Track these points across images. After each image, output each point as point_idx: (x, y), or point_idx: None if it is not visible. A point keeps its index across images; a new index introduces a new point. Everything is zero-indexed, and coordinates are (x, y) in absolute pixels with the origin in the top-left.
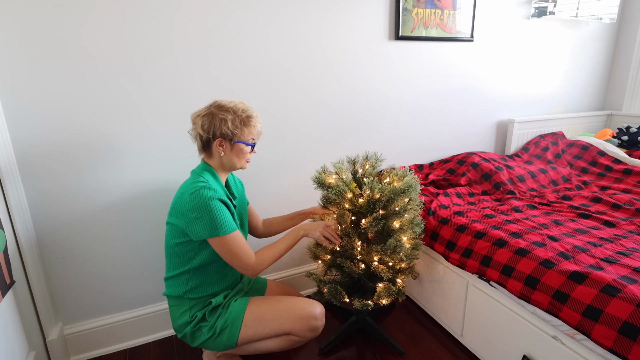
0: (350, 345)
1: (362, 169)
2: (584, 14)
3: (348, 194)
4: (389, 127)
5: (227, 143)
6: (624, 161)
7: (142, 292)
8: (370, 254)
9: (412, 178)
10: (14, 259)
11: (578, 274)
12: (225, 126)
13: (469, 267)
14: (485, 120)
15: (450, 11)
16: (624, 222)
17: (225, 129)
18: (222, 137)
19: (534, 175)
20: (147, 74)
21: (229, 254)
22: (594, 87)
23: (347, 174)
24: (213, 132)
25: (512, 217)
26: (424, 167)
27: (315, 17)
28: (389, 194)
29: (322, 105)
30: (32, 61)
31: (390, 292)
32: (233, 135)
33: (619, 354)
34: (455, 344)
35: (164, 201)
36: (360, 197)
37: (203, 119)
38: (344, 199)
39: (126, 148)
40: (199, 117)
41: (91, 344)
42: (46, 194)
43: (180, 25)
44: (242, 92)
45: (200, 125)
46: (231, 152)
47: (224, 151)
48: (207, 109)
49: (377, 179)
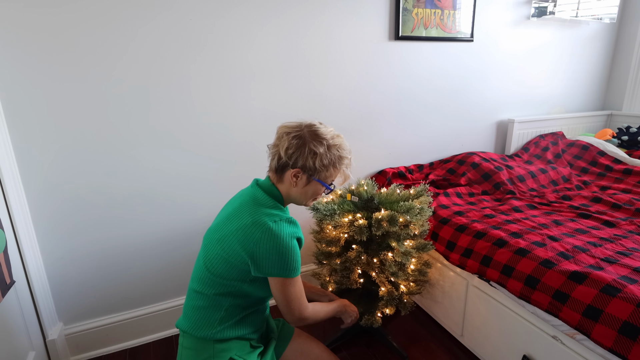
0: (352, 346)
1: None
2: (584, 14)
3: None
4: (389, 127)
5: (304, 176)
6: (624, 161)
7: (142, 292)
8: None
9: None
10: (14, 259)
11: (578, 274)
12: (312, 160)
13: (469, 267)
14: (485, 120)
15: (450, 11)
16: (624, 222)
17: (309, 163)
18: (301, 168)
19: (534, 175)
20: None
21: (287, 297)
22: (594, 87)
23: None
24: (295, 160)
25: (512, 217)
26: (424, 167)
27: (315, 17)
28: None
29: (322, 106)
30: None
31: (392, 297)
32: (315, 172)
33: (619, 354)
34: (455, 344)
35: (165, 201)
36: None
37: (291, 140)
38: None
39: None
40: (287, 136)
41: (91, 344)
42: (46, 194)
43: (179, 27)
44: (240, 92)
45: (285, 147)
46: (304, 187)
47: (297, 184)
48: (299, 128)
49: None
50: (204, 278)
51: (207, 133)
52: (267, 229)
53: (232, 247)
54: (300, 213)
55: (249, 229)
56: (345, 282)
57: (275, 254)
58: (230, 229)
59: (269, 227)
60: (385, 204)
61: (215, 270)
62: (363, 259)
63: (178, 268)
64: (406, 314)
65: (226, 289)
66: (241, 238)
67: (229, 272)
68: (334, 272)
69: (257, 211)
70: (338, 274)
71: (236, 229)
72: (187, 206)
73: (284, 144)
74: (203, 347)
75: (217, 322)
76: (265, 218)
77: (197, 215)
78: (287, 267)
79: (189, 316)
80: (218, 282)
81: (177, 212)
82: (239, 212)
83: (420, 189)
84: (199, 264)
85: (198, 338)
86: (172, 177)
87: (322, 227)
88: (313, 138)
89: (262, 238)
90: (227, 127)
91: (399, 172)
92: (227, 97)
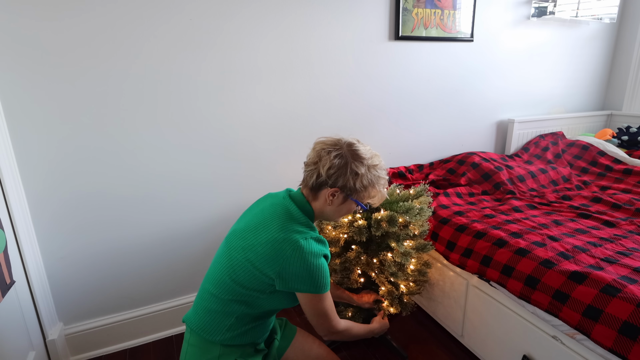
0: (352, 346)
1: None
2: (584, 14)
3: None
4: (389, 127)
5: (341, 195)
6: (624, 161)
7: (142, 292)
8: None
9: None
10: (14, 259)
11: (578, 274)
12: (353, 181)
13: (469, 267)
14: (485, 120)
15: (450, 11)
16: (624, 222)
17: (350, 183)
18: (340, 188)
19: (534, 175)
20: None
21: (317, 312)
22: (594, 87)
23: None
24: (335, 179)
25: (512, 217)
26: (424, 167)
27: (315, 17)
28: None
29: (322, 106)
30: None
31: (392, 297)
32: (354, 192)
33: (619, 354)
34: (455, 344)
35: (165, 200)
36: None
37: (333, 160)
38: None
39: (129, 158)
40: (327, 155)
41: (91, 344)
42: (47, 194)
43: (176, 27)
44: (241, 92)
45: (327, 167)
46: (340, 205)
47: (332, 202)
48: (339, 147)
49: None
50: (223, 282)
51: (211, 132)
52: (298, 246)
53: (258, 258)
54: None
55: (280, 245)
56: (345, 282)
57: (304, 271)
58: (258, 240)
59: (299, 245)
60: (385, 204)
61: (236, 277)
62: (362, 260)
63: (179, 268)
64: (407, 314)
65: (243, 297)
66: (270, 252)
67: (250, 282)
68: (333, 273)
69: (289, 227)
70: (338, 274)
71: (265, 242)
72: (189, 206)
73: (325, 163)
74: (208, 348)
75: (225, 329)
76: (296, 235)
77: (198, 215)
78: (316, 284)
79: (200, 316)
80: (236, 290)
81: (178, 212)
82: (270, 224)
83: (420, 189)
84: (219, 267)
85: (205, 340)
86: (173, 176)
87: (321, 228)
88: (355, 158)
89: (292, 255)
90: (229, 126)
91: (399, 172)
92: (230, 96)
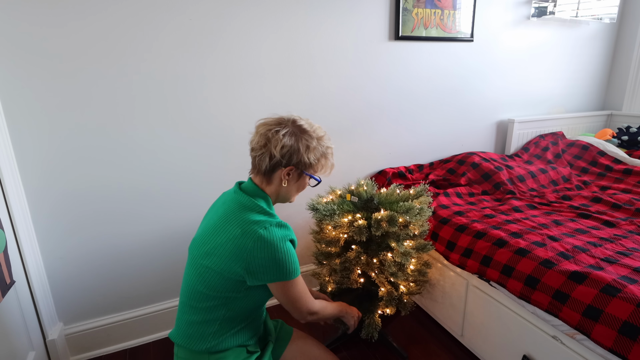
0: (352, 346)
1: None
2: (584, 14)
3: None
4: (389, 127)
5: (296, 173)
6: (624, 161)
7: (142, 292)
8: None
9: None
10: (14, 259)
11: (578, 274)
12: (307, 155)
13: (469, 267)
14: (485, 120)
15: (450, 11)
16: (624, 222)
17: (304, 159)
18: (295, 165)
19: (534, 175)
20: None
21: (291, 298)
22: (594, 87)
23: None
24: (289, 157)
25: (512, 217)
26: (424, 167)
27: (315, 17)
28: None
29: (322, 106)
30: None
31: (392, 297)
32: (310, 166)
33: (619, 354)
34: (456, 344)
35: (166, 197)
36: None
37: (284, 139)
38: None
39: (129, 154)
40: (277, 134)
41: (91, 344)
42: (45, 189)
43: (174, 26)
44: (241, 92)
45: (279, 147)
46: (295, 183)
47: (288, 181)
48: (285, 125)
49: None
50: (196, 292)
51: (210, 129)
52: (259, 237)
53: (223, 259)
54: (299, 213)
55: (240, 240)
56: (345, 282)
57: (270, 261)
58: (218, 241)
59: (260, 235)
60: (385, 204)
61: (208, 284)
62: (362, 260)
63: (179, 267)
64: (406, 314)
65: (219, 301)
66: (232, 250)
67: (222, 285)
68: (333, 272)
69: (245, 219)
70: (338, 274)
71: (225, 241)
72: (189, 203)
73: (275, 143)
74: (197, 359)
75: (211, 336)
76: (254, 226)
77: (198, 213)
78: (285, 271)
79: (183, 330)
80: (210, 295)
81: (178, 209)
82: (226, 222)
83: (420, 189)
84: (189, 278)
85: (192, 351)
86: (173, 173)
87: (321, 228)
88: (303, 133)
89: (255, 247)
90: (230, 126)
91: (399, 172)
92: (231, 94)
